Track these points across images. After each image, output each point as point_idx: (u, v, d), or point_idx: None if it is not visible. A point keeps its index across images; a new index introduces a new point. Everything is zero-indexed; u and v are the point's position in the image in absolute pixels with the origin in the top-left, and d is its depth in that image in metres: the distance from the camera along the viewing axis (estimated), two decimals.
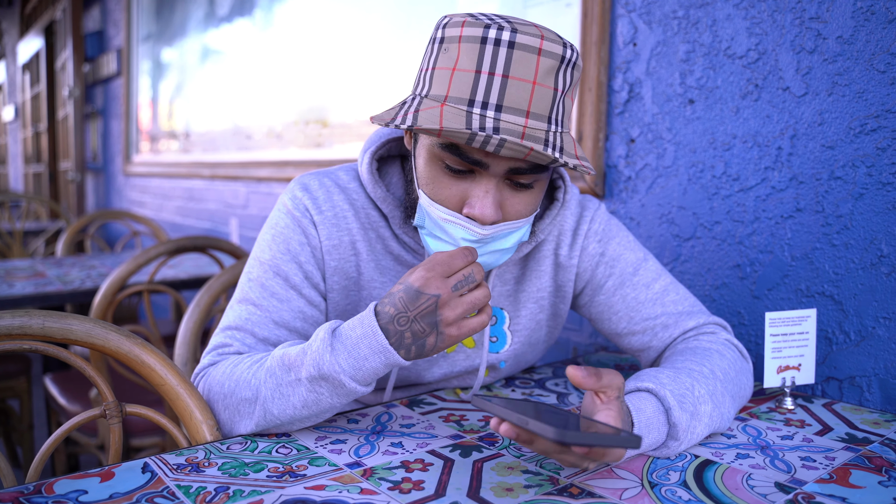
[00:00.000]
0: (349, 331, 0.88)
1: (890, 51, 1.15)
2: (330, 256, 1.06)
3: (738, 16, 1.36)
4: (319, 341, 0.87)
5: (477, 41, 0.87)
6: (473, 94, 0.87)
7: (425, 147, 0.95)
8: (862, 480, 0.84)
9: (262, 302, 1.03)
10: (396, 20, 2.35)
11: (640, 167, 1.57)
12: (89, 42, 5.44)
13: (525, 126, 0.87)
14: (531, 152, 0.84)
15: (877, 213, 1.18)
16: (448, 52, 0.89)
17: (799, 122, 1.28)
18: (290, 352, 0.90)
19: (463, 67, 0.87)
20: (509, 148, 0.84)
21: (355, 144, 2.53)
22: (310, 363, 0.87)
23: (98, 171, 5.59)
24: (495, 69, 0.86)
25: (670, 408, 0.89)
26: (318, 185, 1.08)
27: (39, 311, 0.93)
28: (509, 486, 0.80)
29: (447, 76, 0.89)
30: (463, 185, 0.93)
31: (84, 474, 0.80)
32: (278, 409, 0.91)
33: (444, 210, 0.94)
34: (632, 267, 1.15)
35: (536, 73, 0.86)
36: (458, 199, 0.93)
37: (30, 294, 2.03)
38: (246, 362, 0.95)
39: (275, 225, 1.07)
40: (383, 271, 1.09)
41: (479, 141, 0.84)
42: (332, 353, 0.87)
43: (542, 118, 0.88)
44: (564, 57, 0.88)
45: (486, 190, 0.91)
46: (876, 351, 1.19)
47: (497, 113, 0.86)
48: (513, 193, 0.94)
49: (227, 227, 3.47)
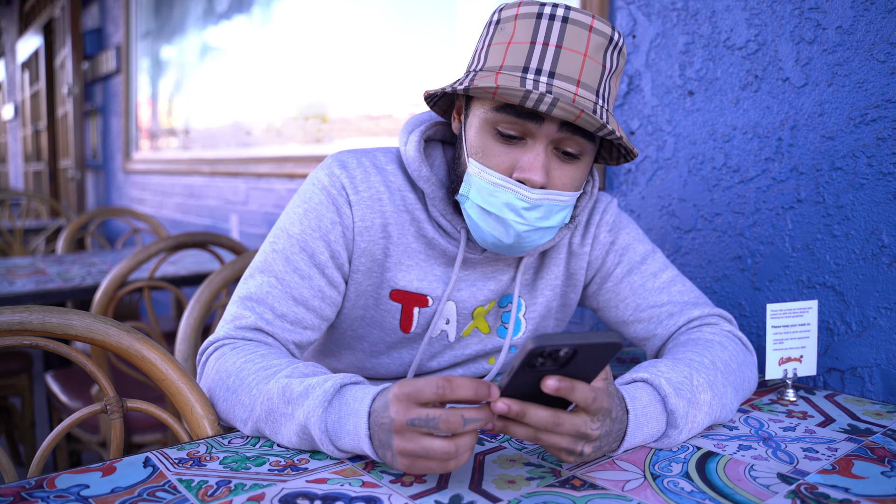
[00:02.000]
0: (351, 398, 0.82)
1: (890, 40, 1.15)
2: (360, 238, 1.06)
3: (737, 7, 1.36)
4: (321, 393, 0.83)
5: (533, 16, 0.95)
6: (528, 62, 0.94)
7: (478, 117, 0.99)
8: (864, 471, 0.83)
9: (284, 276, 1.03)
10: (394, 15, 2.35)
11: (640, 159, 1.56)
12: (88, 40, 5.43)
13: (576, 93, 0.93)
14: (582, 114, 0.89)
15: (877, 203, 1.18)
16: (504, 30, 0.97)
17: (799, 112, 1.28)
18: (294, 386, 0.86)
19: (518, 40, 0.95)
20: (561, 108, 0.89)
21: (355, 140, 2.53)
22: (304, 411, 0.84)
23: (98, 168, 5.59)
24: (550, 40, 0.94)
25: (666, 395, 0.89)
26: (356, 164, 1.07)
27: (40, 307, 0.93)
28: (511, 478, 0.80)
29: (503, 50, 0.96)
30: (514, 151, 0.97)
31: (85, 469, 0.80)
32: (269, 431, 0.89)
33: (495, 174, 0.97)
34: (640, 256, 1.17)
35: (588, 47, 0.94)
36: (508, 165, 0.97)
37: (30, 291, 2.03)
38: (256, 363, 0.93)
39: (308, 199, 1.06)
40: (411, 254, 1.09)
41: (533, 100, 0.89)
42: (325, 410, 0.83)
43: (592, 90, 0.95)
44: (612, 38, 0.96)
45: (536, 154, 0.95)
46: (877, 341, 1.19)
47: (550, 79, 0.93)
48: (559, 164, 0.98)
49: (227, 223, 3.47)
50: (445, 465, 0.73)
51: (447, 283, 1.10)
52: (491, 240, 1.01)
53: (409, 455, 0.74)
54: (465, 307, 1.13)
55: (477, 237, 1.03)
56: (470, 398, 0.73)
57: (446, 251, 1.09)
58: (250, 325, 1.01)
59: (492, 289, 1.13)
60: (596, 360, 0.72)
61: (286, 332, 1.02)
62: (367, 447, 0.79)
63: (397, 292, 1.10)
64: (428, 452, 0.72)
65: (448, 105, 1.11)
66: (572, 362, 0.71)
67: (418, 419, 0.73)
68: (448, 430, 0.71)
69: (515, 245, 1.01)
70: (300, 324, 1.03)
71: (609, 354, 0.72)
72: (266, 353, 0.96)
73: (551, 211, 0.98)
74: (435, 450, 0.72)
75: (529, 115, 0.93)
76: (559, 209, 0.99)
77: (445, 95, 1.08)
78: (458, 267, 1.08)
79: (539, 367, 0.70)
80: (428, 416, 0.72)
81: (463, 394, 0.72)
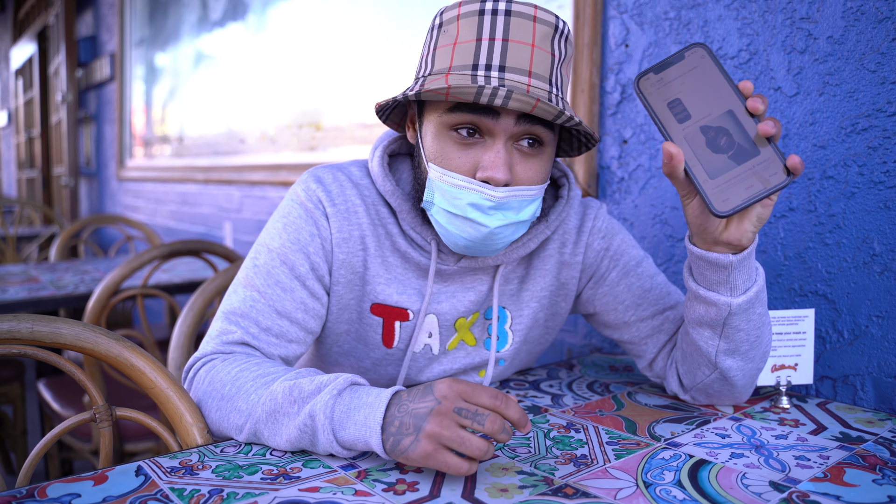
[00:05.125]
0: (366, 394, 0.84)
1: (880, 50, 1.16)
2: (339, 249, 1.07)
3: (729, 16, 1.37)
4: (335, 385, 0.85)
5: (475, 14, 0.94)
6: (477, 59, 0.93)
7: (432, 122, 0.99)
8: (856, 479, 0.84)
9: (266, 290, 1.03)
10: (389, 23, 2.35)
11: (632, 168, 1.57)
12: (82, 47, 5.43)
13: (529, 84, 0.92)
14: (538, 103, 0.88)
15: (868, 211, 1.19)
16: (448, 32, 0.96)
17: (791, 121, 1.29)
18: (304, 385, 0.86)
19: (464, 39, 0.94)
20: (516, 99, 0.88)
21: (349, 148, 2.53)
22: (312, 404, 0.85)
23: (91, 175, 5.58)
24: (495, 34, 0.93)
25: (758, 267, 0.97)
26: (331, 179, 1.08)
27: (29, 315, 0.93)
28: (504, 486, 0.80)
29: (449, 51, 0.96)
30: (473, 151, 0.96)
31: (77, 478, 0.80)
32: (268, 432, 0.89)
33: (457, 177, 0.96)
34: (635, 260, 1.17)
35: (534, 37, 0.93)
36: (470, 166, 0.96)
37: (23, 299, 2.02)
38: (253, 372, 0.93)
39: (286, 214, 1.07)
40: (389, 268, 1.09)
41: (487, 95, 0.88)
42: (334, 400, 0.84)
43: (544, 79, 0.94)
44: (557, 26, 0.95)
45: (496, 151, 0.94)
46: (869, 350, 1.20)
47: (501, 73, 0.92)
48: (522, 158, 0.97)
49: (221, 230, 3.46)
50: (467, 466, 0.77)
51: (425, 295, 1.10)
52: (463, 242, 1.00)
53: (438, 440, 0.77)
54: (447, 319, 1.12)
55: (448, 242, 1.03)
56: (515, 421, 0.79)
57: (420, 264, 1.09)
58: (237, 340, 1.01)
59: (472, 299, 1.12)
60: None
61: (272, 346, 1.03)
62: (374, 440, 0.80)
63: (378, 306, 1.10)
64: (463, 442, 0.76)
65: (401, 117, 1.11)
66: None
67: (466, 410, 0.78)
68: (489, 431, 0.77)
69: (489, 242, 1.00)
70: (285, 337, 1.04)
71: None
72: (261, 362, 0.97)
73: (521, 206, 0.98)
74: (470, 442, 0.76)
75: (485, 111, 0.92)
76: (528, 203, 0.99)
77: (398, 107, 1.08)
78: (431, 279, 1.08)
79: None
80: (477, 411, 0.78)
81: (512, 415, 0.79)
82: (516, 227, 1.00)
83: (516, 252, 1.10)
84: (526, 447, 0.93)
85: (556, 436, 0.98)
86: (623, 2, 1.56)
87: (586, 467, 0.86)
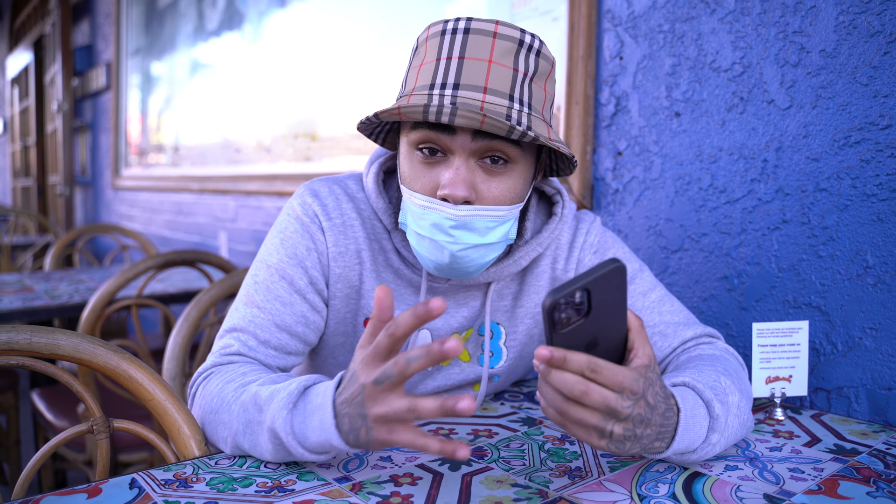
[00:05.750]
0: (315, 395, 0.82)
1: (872, 64, 1.17)
2: (335, 263, 1.07)
3: (722, 30, 1.38)
4: (286, 395, 0.83)
5: (438, 35, 0.95)
6: (434, 79, 0.94)
7: (404, 144, 1.00)
8: (850, 491, 0.84)
9: (265, 305, 1.04)
10: (385, 34, 2.36)
11: (627, 180, 1.58)
12: (78, 56, 5.43)
13: (483, 101, 0.92)
14: (485, 118, 0.86)
15: (862, 224, 1.19)
16: (419, 53, 0.98)
17: (784, 134, 1.29)
18: (262, 392, 0.86)
19: (428, 60, 0.95)
20: (462, 116, 0.87)
21: (344, 158, 2.54)
22: (270, 415, 0.83)
23: (87, 185, 5.57)
24: (452, 53, 0.93)
25: (710, 400, 0.87)
26: (327, 192, 1.08)
27: (26, 325, 0.93)
28: (498, 499, 0.80)
29: (416, 73, 0.97)
30: (434, 170, 0.96)
31: (71, 490, 0.80)
32: (248, 444, 0.88)
33: (420, 196, 0.96)
34: (628, 276, 1.16)
35: (492, 53, 0.93)
36: (432, 185, 0.96)
37: (17, 308, 2.01)
38: (236, 382, 0.94)
39: (283, 229, 1.08)
40: (383, 283, 1.09)
41: (433, 112, 0.88)
42: (291, 412, 0.82)
43: (503, 95, 0.93)
44: (523, 41, 0.94)
45: (455, 168, 0.93)
46: (863, 361, 1.20)
47: (455, 91, 0.92)
48: (486, 177, 0.96)
49: (216, 240, 3.46)
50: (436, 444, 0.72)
51: None
52: (432, 265, 1.00)
53: (383, 420, 0.74)
54: (440, 335, 1.12)
55: (422, 263, 1.02)
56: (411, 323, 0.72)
57: (412, 281, 1.10)
58: (234, 352, 1.02)
59: (465, 315, 1.12)
60: (613, 293, 0.74)
61: (270, 357, 1.03)
62: (335, 439, 0.78)
63: None
64: (412, 409, 0.72)
65: (395, 139, 1.11)
66: (593, 306, 0.72)
67: (377, 375, 0.73)
68: (398, 373, 0.72)
69: (455, 266, 0.98)
70: (284, 349, 1.04)
71: (621, 282, 0.73)
72: (247, 371, 0.97)
73: (486, 227, 0.96)
74: (420, 406, 0.72)
75: (441, 129, 0.92)
76: (495, 224, 0.97)
77: (393, 129, 1.08)
78: (423, 296, 1.08)
79: (567, 325, 0.71)
80: (384, 369, 0.73)
81: (406, 322, 0.72)
82: (485, 249, 0.98)
83: (507, 269, 1.09)
84: (520, 459, 0.93)
85: (551, 448, 0.98)
86: (617, 14, 1.57)
87: (581, 480, 0.86)
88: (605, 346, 0.78)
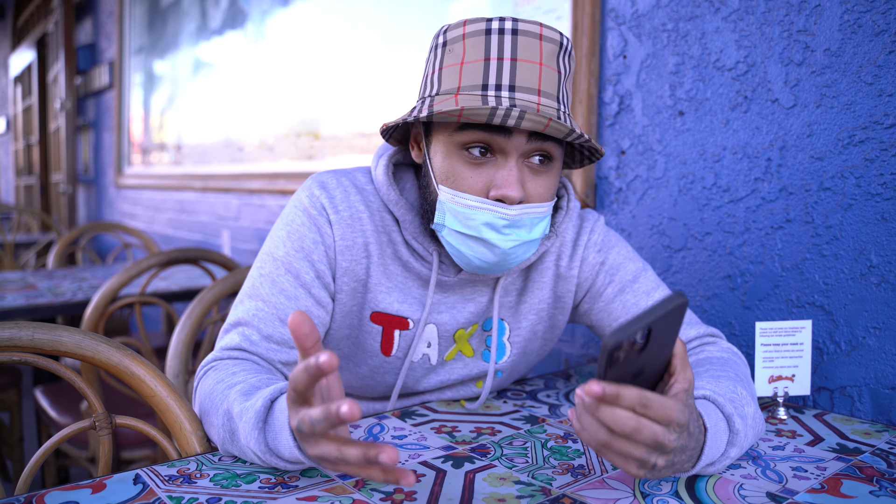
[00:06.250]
0: (279, 412, 0.80)
1: (877, 63, 1.17)
2: (342, 256, 1.06)
3: (726, 28, 1.37)
4: (253, 414, 0.81)
5: (482, 34, 0.94)
6: (486, 79, 0.94)
7: (441, 143, 0.99)
8: (853, 490, 0.84)
9: (270, 298, 1.03)
10: (387, 32, 2.36)
11: (630, 178, 1.58)
12: (81, 55, 5.44)
13: (539, 103, 0.93)
14: (550, 122, 0.89)
15: (866, 223, 1.19)
16: (453, 51, 0.97)
17: (788, 133, 1.29)
18: (234, 408, 0.84)
19: (471, 59, 0.95)
20: (529, 119, 0.89)
21: (347, 157, 2.54)
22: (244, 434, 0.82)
23: (90, 183, 5.58)
24: (503, 54, 0.93)
25: (731, 415, 0.85)
26: (335, 184, 1.08)
27: (29, 322, 0.93)
28: (501, 496, 0.80)
29: (456, 71, 0.96)
30: (484, 171, 0.96)
31: (75, 486, 0.80)
32: (238, 452, 0.88)
33: (470, 198, 0.96)
34: (631, 275, 1.15)
35: (542, 56, 0.94)
36: (482, 186, 0.96)
37: (21, 306, 2.02)
38: (224, 382, 0.92)
39: (290, 222, 1.07)
40: (390, 276, 1.09)
41: (500, 116, 0.89)
42: (261, 431, 0.81)
43: (552, 97, 0.95)
44: (562, 43, 0.96)
45: (509, 169, 0.95)
46: (866, 361, 1.20)
47: (511, 92, 0.93)
48: (532, 176, 0.98)
49: (218, 239, 3.46)
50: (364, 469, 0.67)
51: None
52: (477, 262, 1.00)
53: (319, 459, 0.70)
54: (447, 330, 1.12)
55: (461, 263, 1.02)
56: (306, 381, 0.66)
57: (421, 274, 1.09)
58: (235, 346, 1.01)
59: (472, 311, 1.12)
60: (671, 326, 0.73)
61: (272, 352, 1.02)
62: (301, 456, 0.77)
63: (378, 314, 1.10)
64: (326, 455, 0.68)
65: (403, 135, 1.11)
66: (651, 340, 0.70)
67: (297, 424, 0.69)
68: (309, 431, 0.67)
69: (502, 262, 1.00)
70: (287, 344, 1.03)
71: (680, 316, 0.72)
72: (237, 370, 0.95)
73: (532, 224, 0.98)
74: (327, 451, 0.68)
75: (496, 129, 0.93)
76: (539, 220, 0.99)
77: (400, 126, 1.07)
78: (432, 290, 1.08)
79: (623, 360, 0.70)
80: (300, 419, 0.68)
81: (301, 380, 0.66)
82: (528, 245, 1.00)
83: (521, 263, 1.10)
84: (524, 457, 0.93)
85: (554, 446, 0.98)
86: (621, 13, 1.57)
87: (584, 478, 0.86)
88: (649, 372, 0.77)
